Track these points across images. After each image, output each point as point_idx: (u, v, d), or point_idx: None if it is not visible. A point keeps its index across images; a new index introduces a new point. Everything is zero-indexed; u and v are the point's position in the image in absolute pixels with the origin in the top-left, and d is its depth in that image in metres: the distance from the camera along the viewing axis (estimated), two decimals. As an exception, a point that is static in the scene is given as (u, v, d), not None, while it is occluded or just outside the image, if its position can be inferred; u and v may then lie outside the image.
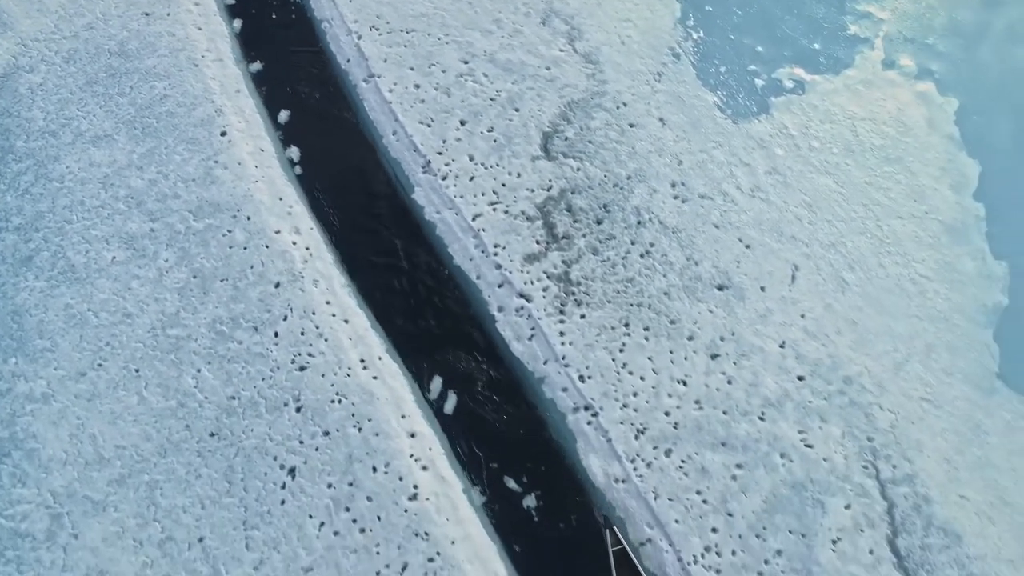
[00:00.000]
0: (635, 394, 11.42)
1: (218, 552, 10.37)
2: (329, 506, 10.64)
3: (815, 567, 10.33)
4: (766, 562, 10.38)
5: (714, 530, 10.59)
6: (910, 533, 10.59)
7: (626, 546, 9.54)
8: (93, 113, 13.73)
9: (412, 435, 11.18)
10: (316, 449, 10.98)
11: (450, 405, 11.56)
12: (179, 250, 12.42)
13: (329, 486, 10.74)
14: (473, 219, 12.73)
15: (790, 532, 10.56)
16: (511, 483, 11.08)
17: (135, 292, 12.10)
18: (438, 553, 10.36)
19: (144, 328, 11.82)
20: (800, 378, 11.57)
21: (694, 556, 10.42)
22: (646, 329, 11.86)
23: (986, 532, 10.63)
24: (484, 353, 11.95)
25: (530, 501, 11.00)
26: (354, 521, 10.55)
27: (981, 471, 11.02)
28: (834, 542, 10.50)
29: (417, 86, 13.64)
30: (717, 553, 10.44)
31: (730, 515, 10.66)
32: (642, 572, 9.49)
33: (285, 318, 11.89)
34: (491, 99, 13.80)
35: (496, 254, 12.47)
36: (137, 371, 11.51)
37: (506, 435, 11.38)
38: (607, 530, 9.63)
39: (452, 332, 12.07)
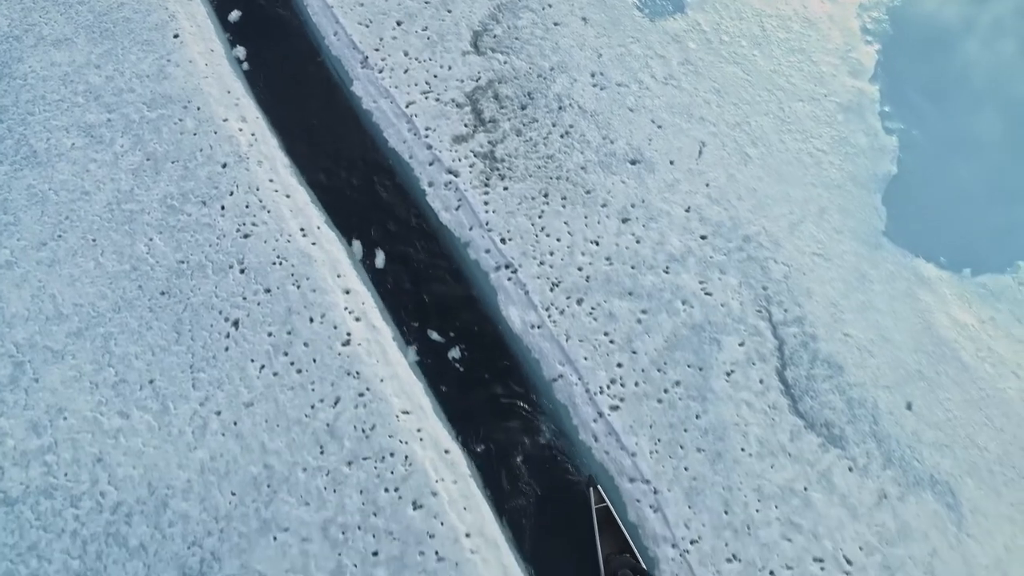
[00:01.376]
0: (551, 253, 12.23)
1: (167, 391, 11.14)
2: (269, 351, 11.42)
3: (709, 394, 11.17)
4: (665, 391, 11.21)
5: (619, 365, 11.41)
6: (797, 366, 11.44)
7: (609, 504, 9.77)
8: (54, 20, 14.42)
9: (347, 292, 11.95)
10: (258, 304, 11.75)
11: (383, 267, 12.34)
12: (134, 136, 13.14)
13: (269, 335, 11.51)
14: (406, 106, 13.50)
15: (688, 366, 11.39)
16: (435, 335, 11.87)
17: (92, 173, 12.82)
18: (368, 388, 11.15)
19: (101, 204, 12.55)
20: (703, 237, 12.40)
21: (600, 387, 11.25)
22: (563, 198, 12.66)
23: (866, 363, 11.48)
24: (415, 223, 12.73)
25: (455, 352, 11.79)
26: (292, 363, 11.33)
27: (864, 313, 11.87)
28: (728, 374, 11.34)
29: (356, -10, 14.39)
30: (621, 384, 11.27)
31: (634, 352, 11.48)
32: (623, 527, 9.74)
33: (231, 193, 12.64)
34: (425, 2, 14.55)
35: (427, 136, 13.24)
36: (94, 240, 12.24)
37: (435, 293, 12.16)
38: (591, 489, 9.86)
39: (386, 205, 12.84)
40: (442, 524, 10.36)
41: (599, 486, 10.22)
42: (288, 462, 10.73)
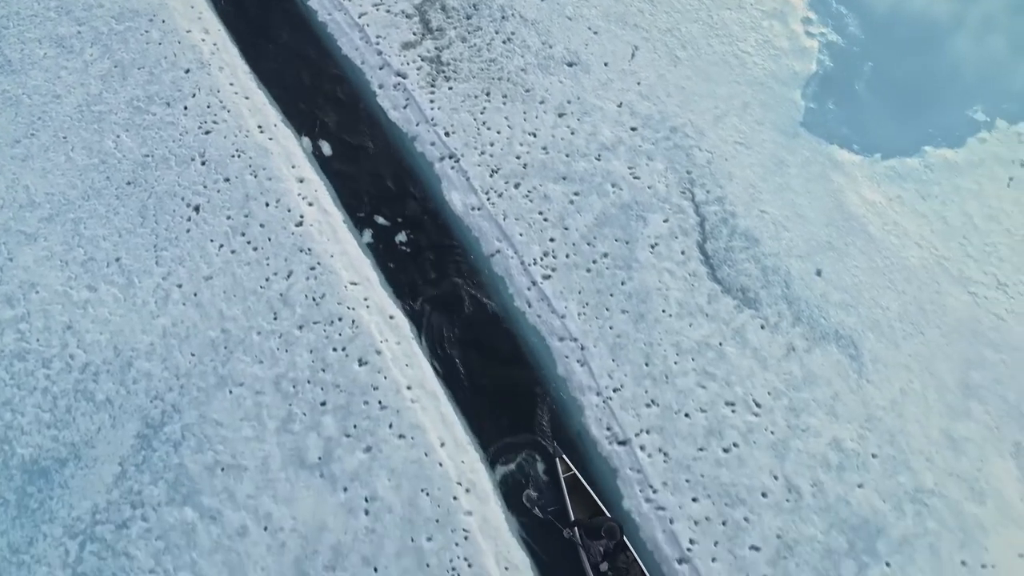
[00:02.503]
0: (492, 144, 12.90)
1: (132, 267, 11.81)
2: (227, 232, 12.08)
3: (634, 263, 11.88)
4: (594, 262, 11.92)
5: (552, 240, 12.11)
6: (716, 239, 12.15)
7: (576, 472, 10.00)
8: (28, -56, 15.00)
9: (300, 180, 12.62)
10: (218, 191, 12.41)
11: (336, 160, 13.01)
12: (102, 46, 13.76)
13: (228, 218, 12.17)
14: (359, 17, 14.14)
15: (616, 240, 12.09)
16: (382, 220, 12.55)
17: (63, 79, 13.44)
18: (319, 263, 11.83)
19: (71, 106, 13.17)
20: (633, 129, 13.08)
21: (534, 259, 11.95)
22: (504, 96, 13.32)
23: (780, 236, 12.20)
24: (366, 121, 13.39)
25: (401, 235, 12.48)
26: (248, 243, 12.00)
27: (780, 193, 12.58)
28: (652, 246, 12.04)
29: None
30: (553, 257, 11.97)
31: (566, 229, 12.18)
32: (592, 492, 9.96)
33: (193, 95, 13.28)
34: (378, -76, 15.16)
35: (378, 44, 13.89)
36: (64, 138, 12.88)
37: (383, 183, 12.84)
38: (557, 459, 10.13)
39: (339, 105, 13.50)
40: (385, 378, 11.05)
41: (565, 456, 10.45)
42: (244, 327, 11.41)
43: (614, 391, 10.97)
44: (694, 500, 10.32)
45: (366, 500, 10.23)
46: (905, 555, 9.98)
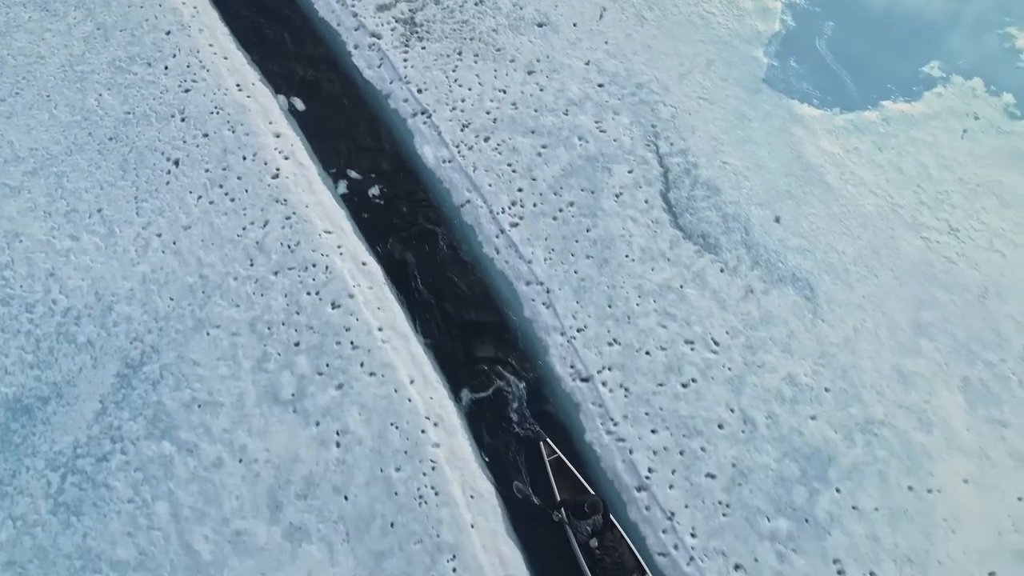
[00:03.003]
0: (463, 100, 13.20)
1: (113, 218, 12.10)
2: (206, 184, 12.38)
3: (599, 212, 12.19)
4: (560, 210, 12.23)
5: (519, 190, 12.41)
6: (679, 188, 12.46)
7: (560, 454, 10.10)
8: (13, -87, 15.25)
9: (277, 135, 12.91)
10: (197, 146, 12.70)
11: (312, 118, 13.30)
12: (85, 10, 14.04)
13: (206, 171, 12.47)
14: (335, -19, 14.42)
15: (582, 190, 12.40)
16: (355, 173, 12.85)
17: (47, 41, 13.72)
18: (294, 213, 12.13)
19: (55, 66, 13.45)
20: (600, 85, 13.38)
21: (502, 208, 12.25)
22: (475, 55, 13.62)
23: (741, 185, 12.51)
24: (342, 80, 13.69)
25: (375, 188, 12.78)
26: (226, 194, 12.29)
27: (742, 146, 12.89)
28: (617, 195, 12.35)
29: None
30: (521, 206, 12.28)
31: (534, 179, 12.49)
32: (577, 473, 10.07)
33: (174, 56, 13.56)
34: None
35: (353, 6, 14.18)
36: (48, 96, 13.16)
37: (357, 138, 13.14)
38: (541, 443, 10.22)
39: (315, 65, 13.80)
40: (357, 320, 11.36)
41: (549, 439, 10.53)
42: (221, 272, 11.71)
43: (578, 331, 11.29)
44: (653, 432, 10.63)
45: (337, 433, 10.53)
46: (855, 481, 10.31)
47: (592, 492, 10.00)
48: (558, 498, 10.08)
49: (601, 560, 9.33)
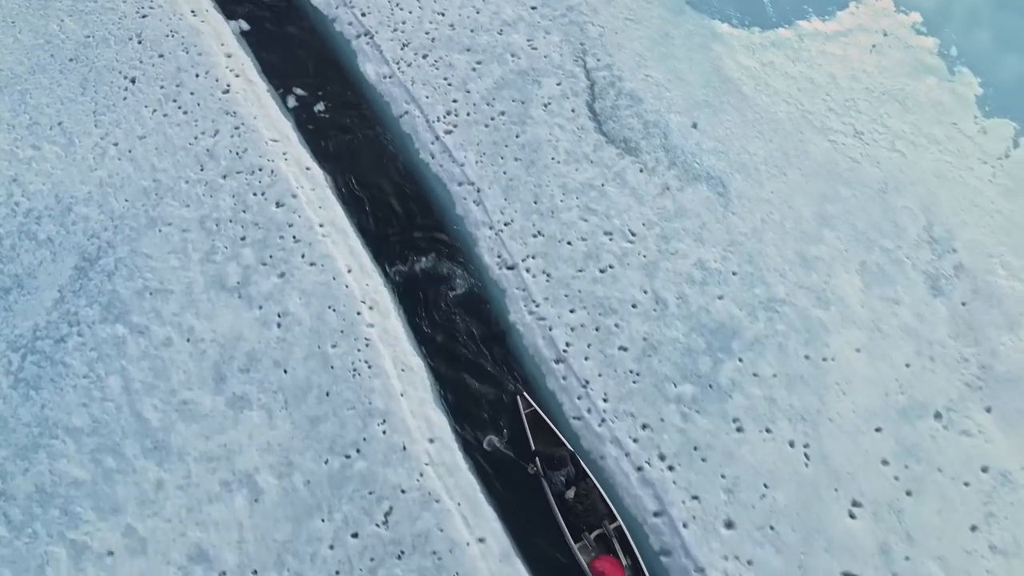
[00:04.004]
0: (403, 22, 13.78)
1: (73, 130, 12.66)
2: (160, 99, 12.95)
3: (528, 120, 12.80)
4: (492, 118, 12.83)
5: (454, 101, 13.01)
6: (604, 99, 13.07)
7: (536, 407, 10.32)
8: None
9: (228, 56, 13.48)
10: (152, 65, 13.26)
11: (262, 40, 13.87)
12: (48, -55, 14.55)
13: (161, 87, 13.03)
14: (286, -84, 14.95)
15: (512, 100, 13.00)
16: (301, 91, 13.44)
17: (12, -27, 14.24)
18: (243, 123, 12.71)
19: (19, -4, 13.99)
20: (533, 8, 13.98)
21: (438, 117, 12.85)
22: (417, -18, 14.19)
23: (662, 96, 13.13)
24: (291, 5, 14.26)
25: (320, 105, 13.37)
26: (179, 107, 12.86)
27: (664, 61, 13.50)
28: (545, 105, 12.96)
29: None
30: (455, 115, 12.88)
31: (468, 92, 13.08)
32: (552, 425, 10.26)
33: (132, -14, 14.10)
34: None
35: (303, -61, 14.72)
36: (13, 23, 13.68)
37: (304, 59, 13.73)
38: (518, 396, 10.42)
39: (266, -6, 14.36)
40: (299, 217, 11.97)
41: (525, 394, 10.67)
42: (173, 176, 12.30)
43: (505, 225, 11.91)
44: (571, 311, 11.28)
45: (278, 316, 11.15)
46: (756, 352, 10.97)
47: (567, 444, 10.21)
48: (532, 446, 10.30)
49: (574, 508, 9.52)
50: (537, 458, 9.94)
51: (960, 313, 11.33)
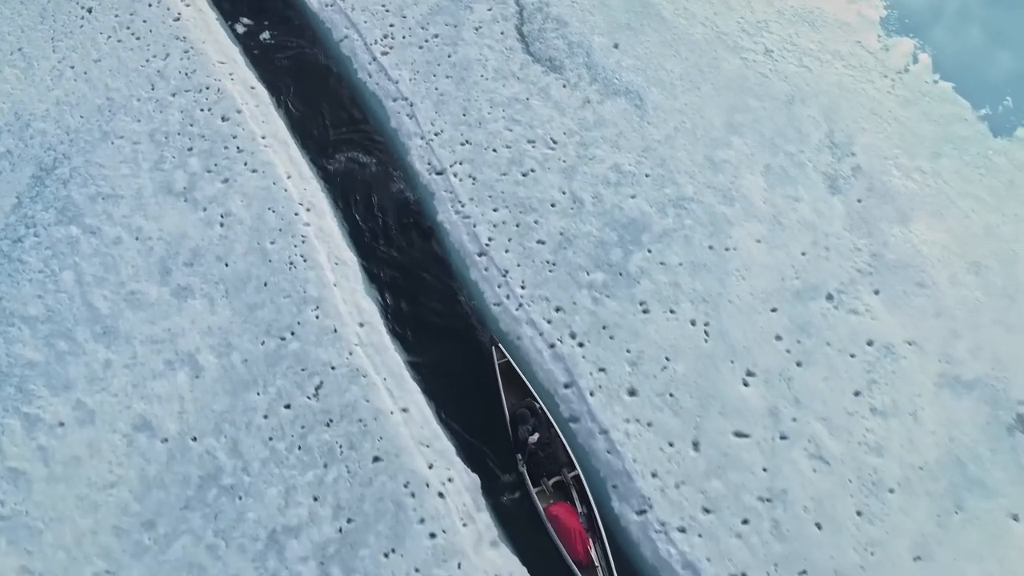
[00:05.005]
0: (346, -44, 14.32)
1: (32, 54, 13.19)
2: (115, 26, 13.49)
3: (460, 41, 13.37)
4: (426, 40, 13.40)
5: (391, 25, 13.58)
6: (532, 23, 13.64)
7: (510, 359, 10.42)
8: None
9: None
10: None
11: (213, -25, 14.41)
12: None
13: (115, 16, 13.57)
14: None
15: (446, 24, 13.57)
16: (250, 20, 14.00)
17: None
18: (192, 48, 13.25)
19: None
20: (468, -58, 14.51)
21: (375, 40, 13.42)
22: (360, -80, 14.71)
23: (586, 20, 13.70)
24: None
25: (266, 33, 13.94)
26: (133, 34, 13.40)
27: (590, -12, 14.07)
28: (476, 28, 13.53)
29: None
30: (391, 38, 13.45)
31: (404, 17, 13.65)
32: (523, 377, 10.38)
33: (90, -75, 14.59)
34: None
35: None
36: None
37: (253, -9, 14.29)
38: (492, 347, 10.52)
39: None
40: (243, 129, 12.54)
41: (500, 344, 10.73)
42: (125, 95, 12.86)
43: (435, 135, 12.51)
44: (494, 210, 11.89)
45: (221, 216, 11.74)
46: (664, 243, 11.60)
47: (536, 396, 10.17)
48: (504, 400, 10.35)
49: (535, 455, 9.59)
50: (511, 419, 9.93)
51: (855, 209, 11.96)
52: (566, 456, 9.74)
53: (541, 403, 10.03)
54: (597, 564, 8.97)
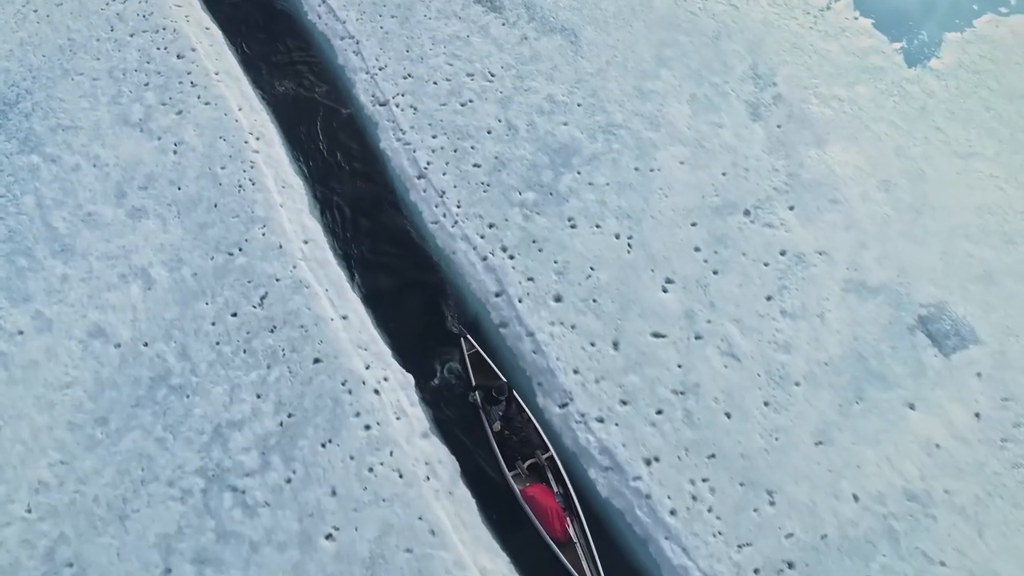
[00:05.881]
0: (298, -93, 14.72)
1: (-3, -1, 13.59)
2: (76, -27, 13.86)
3: (405, -16, 13.78)
4: (373, -16, 13.82)
5: (340, -30, 13.98)
6: (475, -33, 14.04)
7: (479, 349, 10.56)
8: None
9: (140, -62, 14.38)
10: (70, -54, 14.15)
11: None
12: None
13: (77, -36, 13.93)
14: None
15: (392, -31, 13.98)
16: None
17: None
18: (150, -8, 13.65)
19: None
20: None
21: (324, -16, 13.82)
22: None
23: (526, -37, 14.11)
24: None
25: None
26: (93, -20, 13.78)
27: (531, -65, 14.46)
28: (421, -28, 13.94)
29: None
30: (340, -19, 13.85)
31: (352, -38, 14.05)
32: (494, 367, 10.44)
33: None
34: None
35: None
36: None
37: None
38: (462, 339, 10.65)
39: None
40: (197, 66, 12.96)
41: (468, 336, 10.84)
42: (86, 36, 13.27)
43: (379, 69, 12.95)
44: (433, 137, 12.35)
45: (175, 144, 12.18)
46: (592, 166, 12.07)
47: (507, 382, 10.03)
48: (473, 382, 10.53)
49: (508, 439, 9.52)
50: (477, 391, 9.96)
51: (775, 134, 12.44)
52: (539, 439, 9.62)
53: (507, 383, 9.87)
54: (576, 540, 8.97)
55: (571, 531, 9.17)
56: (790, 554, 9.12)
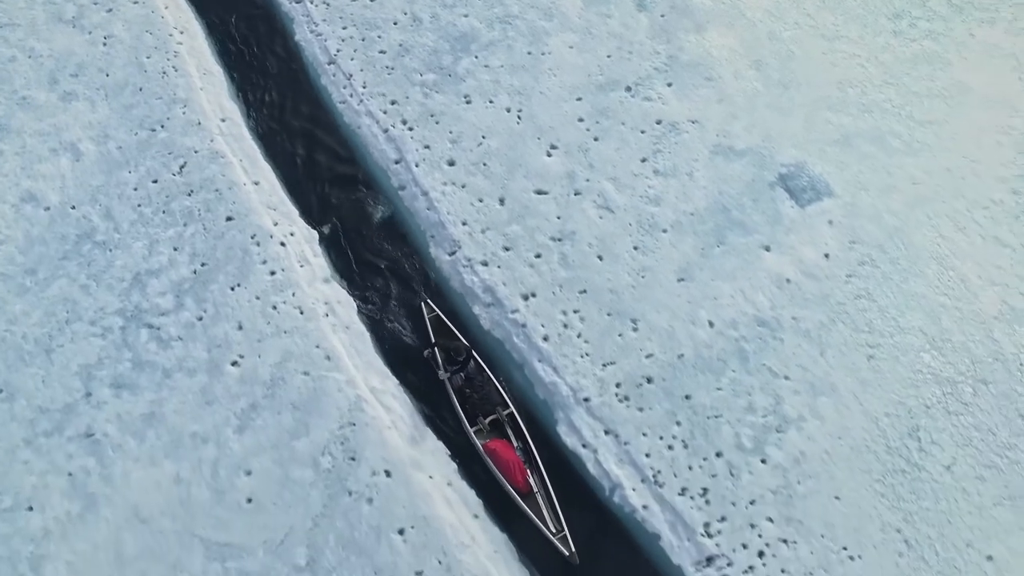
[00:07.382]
0: None
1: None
2: None
3: None
4: None
5: None
6: None
7: (439, 313, 10.56)
8: None
9: None
10: None
11: None
12: None
13: None
14: None
15: None
16: None
17: None
18: (85, -93, 14.16)
19: None
20: None
21: None
22: None
23: None
24: None
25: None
26: None
27: None
28: None
29: None
30: None
31: None
32: (455, 329, 10.42)
33: None
34: None
35: None
36: None
37: None
38: (422, 303, 10.66)
39: None
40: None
41: (429, 300, 10.52)
42: None
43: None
44: (343, 28, 12.95)
45: (104, 37, 12.75)
46: (489, 51, 12.69)
47: (463, 339, 10.04)
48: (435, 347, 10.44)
49: (470, 397, 9.51)
50: (435, 348, 9.89)
51: (659, 22, 13.08)
52: (499, 396, 9.66)
53: (465, 344, 9.86)
54: (536, 491, 9.03)
55: (532, 482, 9.28)
56: (649, 371, 9.83)
